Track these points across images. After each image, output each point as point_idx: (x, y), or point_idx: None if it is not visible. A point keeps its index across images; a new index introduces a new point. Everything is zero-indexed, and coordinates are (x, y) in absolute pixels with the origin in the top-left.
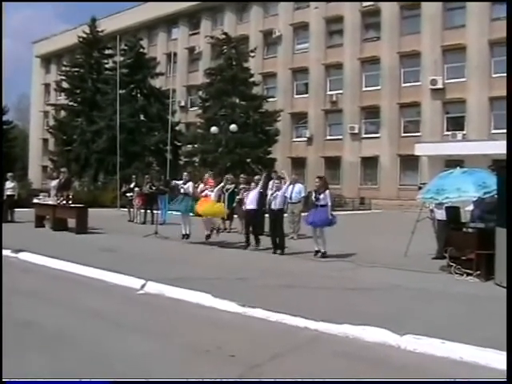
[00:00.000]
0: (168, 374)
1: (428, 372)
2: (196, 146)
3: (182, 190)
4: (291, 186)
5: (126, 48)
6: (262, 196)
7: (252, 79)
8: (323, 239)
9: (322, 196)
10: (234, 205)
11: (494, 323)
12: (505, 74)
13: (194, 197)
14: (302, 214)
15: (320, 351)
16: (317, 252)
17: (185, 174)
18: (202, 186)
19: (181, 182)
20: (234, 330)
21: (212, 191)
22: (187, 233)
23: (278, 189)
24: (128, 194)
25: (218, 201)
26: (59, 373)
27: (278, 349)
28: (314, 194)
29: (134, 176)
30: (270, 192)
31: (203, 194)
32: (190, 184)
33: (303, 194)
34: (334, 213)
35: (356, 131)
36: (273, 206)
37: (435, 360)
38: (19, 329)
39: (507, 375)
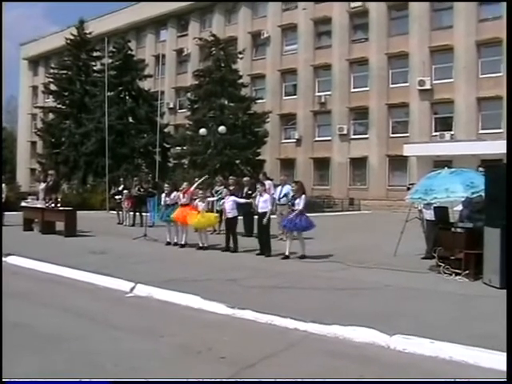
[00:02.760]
0: (160, 375)
1: (417, 371)
2: (185, 147)
3: (167, 202)
4: (280, 187)
5: (114, 50)
6: (250, 199)
7: (240, 81)
8: (302, 242)
9: (297, 201)
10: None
11: (483, 322)
12: (492, 75)
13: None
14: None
15: (310, 352)
16: (286, 256)
17: (166, 185)
18: (181, 195)
19: (163, 195)
20: (223, 332)
21: (201, 201)
22: (175, 241)
23: (261, 193)
24: (117, 197)
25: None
26: (50, 374)
27: (268, 350)
28: (290, 199)
29: (122, 178)
30: (258, 196)
31: (190, 201)
32: (175, 194)
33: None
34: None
35: (345, 132)
36: (259, 210)
37: (424, 359)
38: (9, 331)
39: (507, 375)
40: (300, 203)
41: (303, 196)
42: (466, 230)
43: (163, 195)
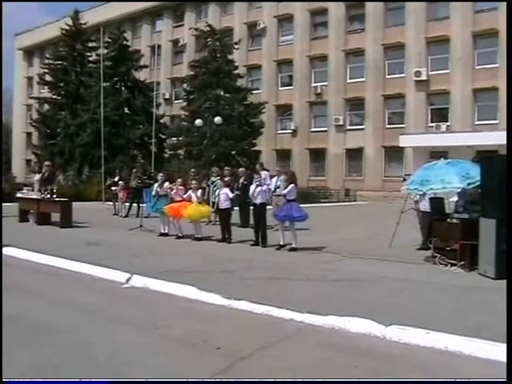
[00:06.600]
0: (155, 367)
1: (413, 362)
2: (181, 138)
3: (159, 192)
4: (275, 178)
5: (109, 40)
6: (246, 189)
7: (236, 71)
8: (293, 234)
9: (285, 191)
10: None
11: (479, 313)
12: (488, 66)
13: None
14: None
15: (306, 342)
16: (280, 246)
17: (160, 174)
18: (174, 191)
19: (156, 185)
20: (219, 323)
21: (194, 192)
22: (166, 232)
23: (259, 184)
24: (113, 188)
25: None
26: (42, 368)
27: (263, 341)
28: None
29: (117, 170)
30: (252, 187)
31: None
32: (167, 184)
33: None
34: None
35: (341, 123)
36: (256, 201)
37: (420, 350)
38: (4, 323)
39: (507, 375)
40: (290, 193)
41: (291, 185)
42: (462, 221)
43: (155, 185)
